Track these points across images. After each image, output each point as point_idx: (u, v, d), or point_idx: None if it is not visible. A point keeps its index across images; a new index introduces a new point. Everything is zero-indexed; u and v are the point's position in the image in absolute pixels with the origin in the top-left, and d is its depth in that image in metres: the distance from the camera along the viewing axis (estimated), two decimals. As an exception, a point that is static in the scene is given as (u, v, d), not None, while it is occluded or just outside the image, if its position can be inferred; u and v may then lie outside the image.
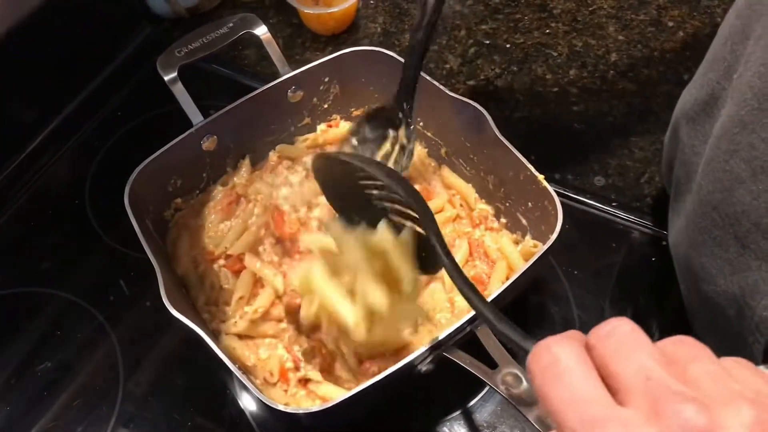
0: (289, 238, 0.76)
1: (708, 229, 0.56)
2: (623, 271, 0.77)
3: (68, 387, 0.73)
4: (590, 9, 1.04)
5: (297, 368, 0.69)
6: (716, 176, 0.55)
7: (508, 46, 1.00)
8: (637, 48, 0.98)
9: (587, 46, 0.99)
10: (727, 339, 0.59)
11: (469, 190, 0.78)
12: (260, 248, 0.76)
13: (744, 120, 0.52)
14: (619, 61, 0.97)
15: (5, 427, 0.70)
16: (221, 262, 0.75)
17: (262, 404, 0.69)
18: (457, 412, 0.69)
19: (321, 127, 0.85)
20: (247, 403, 0.71)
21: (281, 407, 0.57)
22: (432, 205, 0.77)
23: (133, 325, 0.76)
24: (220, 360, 0.59)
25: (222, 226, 0.78)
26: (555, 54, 0.99)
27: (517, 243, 0.74)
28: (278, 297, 0.72)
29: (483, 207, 0.77)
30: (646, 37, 0.99)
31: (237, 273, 0.74)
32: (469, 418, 0.69)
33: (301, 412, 0.58)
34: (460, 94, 0.74)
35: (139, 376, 0.73)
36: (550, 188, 0.66)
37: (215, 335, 0.69)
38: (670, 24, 1.01)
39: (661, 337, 0.70)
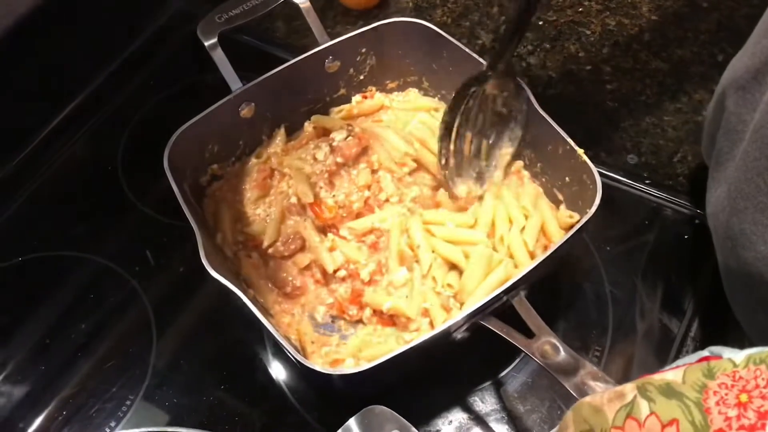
0: (330, 224, 0.76)
1: (751, 195, 0.56)
2: (656, 248, 0.77)
3: (101, 349, 0.74)
4: (624, -12, 1.03)
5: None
6: (764, 142, 0.55)
7: (540, 23, 1.00)
8: (670, 28, 0.97)
9: (620, 25, 0.99)
10: (763, 308, 0.59)
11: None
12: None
13: None
14: (652, 41, 0.96)
15: (41, 386, 0.71)
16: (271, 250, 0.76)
17: (293, 370, 0.71)
18: (488, 383, 0.69)
19: (356, 98, 0.85)
20: (278, 368, 0.71)
21: (317, 367, 0.57)
22: None
23: (165, 289, 0.77)
24: (254, 324, 0.60)
25: (260, 211, 0.78)
26: (588, 32, 0.98)
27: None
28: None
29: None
30: (680, 18, 0.99)
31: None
32: (499, 389, 0.69)
33: (335, 372, 0.58)
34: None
35: (172, 340, 0.74)
36: (590, 162, 0.66)
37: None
38: (705, 5, 1.00)
39: (692, 318, 0.71)
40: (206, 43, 0.74)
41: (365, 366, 0.57)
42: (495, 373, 0.70)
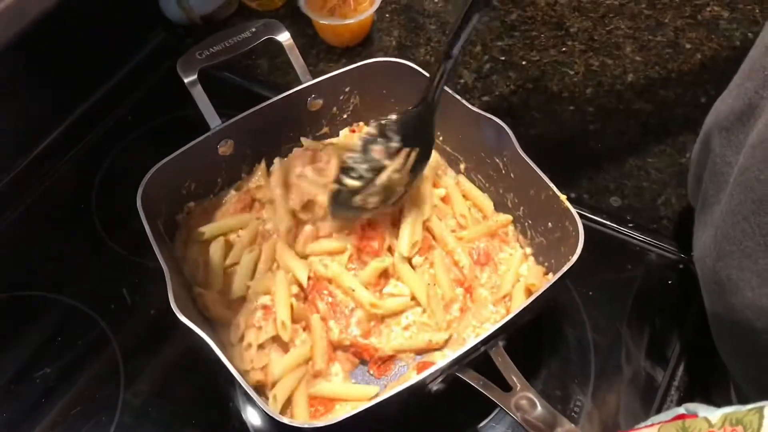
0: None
1: (738, 239, 0.55)
2: (639, 293, 0.75)
3: (67, 394, 0.71)
4: (607, 29, 1.03)
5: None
6: (749, 186, 0.54)
7: (523, 63, 0.99)
8: (654, 69, 0.97)
9: (604, 66, 0.98)
10: (752, 357, 0.58)
11: (486, 201, 0.77)
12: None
13: None
14: (635, 82, 0.96)
15: (3, 434, 0.69)
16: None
17: (266, 418, 0.68)
18: (466, 433, 0.67)
19: (344, 132, 0.84)
20: (251, 416, 0.69)
21: (286, 420, 0.56)
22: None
23: (136, 332, 0.75)
24: (225, 370, 0.58)
25: (232, 236, 0.77)
26: (571, 72, 0.98)
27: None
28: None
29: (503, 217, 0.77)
30: (663, 59, 0.98)
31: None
32: (478, 440, 0.67)
33: (307, 426, 0.56)
34: (475, 110, 0.73)
35: (141, 385, 0.71)
36: (573, 209, 0.65)
37: (222, 344, 0.67)
38: (688, 46, 1.00)
39: (677, 366, 0.70)
40: (186, 80, 0.73)
41: (337, 418, 0.55)
42: (473, 423, 0.67)
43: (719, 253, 0.59)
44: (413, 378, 0.57)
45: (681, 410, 0.49)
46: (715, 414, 0.43)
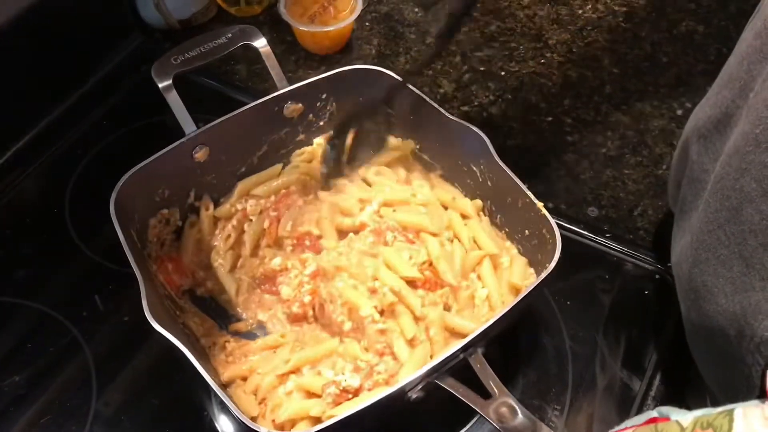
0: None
1: (713, 247, 0.56)
2: (616, 302, 0.76)
3: (36, 403, 0.70)
4: (585, 41, 1.04)
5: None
6: (725, 194, 0.54)
7: (503, 73, 1.00)
8: (631, 81, 0.98)
9: (582, 77, 0.99)
10: (725, 364, 0.58)
11: (463, 201, 0.77)
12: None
13: (758, 139, 0.51)
14: (613, 94, 0.97)
15: (-33, 444, 0.67)
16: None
17: (240, 427, 0.67)
18: (444, 443, 0.67)
19: (318, 140, 0.84)
20: (225, 425, 0.68)
21: (263, 429, 0.54)
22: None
23: (108, 339, 0.74)
24: (200, 378, 0.57)
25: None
26: (549, 84, 0.98)
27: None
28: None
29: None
30: (640, 71, 0.99)
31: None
32: (456, 449, 0.66)
33: (283, 435, 0.55)
34: (454, 119, 0.73)
35: (113, 394, 0.70)
36: (549, 216, 0.65)
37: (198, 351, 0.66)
38: (664, 59, 1.01)
39: (653, 375, 0.70)
40: (160, 85, 0.73)
41: (313, 428, 0.54)
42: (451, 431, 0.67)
43: (695, 260, 0.59)
44: (392, 386, 0.56)
45: (653, 413, 0.49)
46: (686, 417, 0.44)
